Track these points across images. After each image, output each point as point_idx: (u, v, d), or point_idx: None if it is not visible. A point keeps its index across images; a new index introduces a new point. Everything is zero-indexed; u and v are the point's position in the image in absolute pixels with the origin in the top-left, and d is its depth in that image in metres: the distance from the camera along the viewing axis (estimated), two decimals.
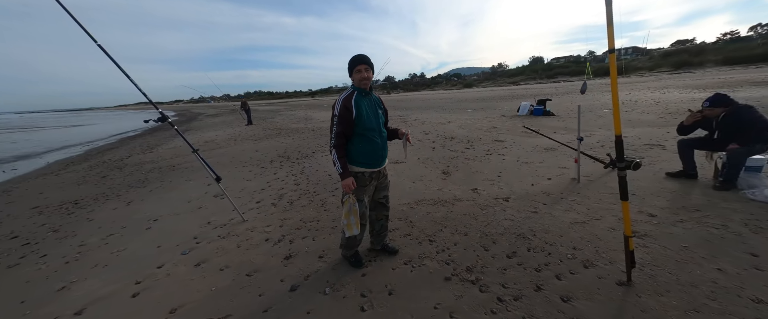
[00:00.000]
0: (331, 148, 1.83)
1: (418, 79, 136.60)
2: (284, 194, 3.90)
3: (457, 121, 10.18)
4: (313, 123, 13.39)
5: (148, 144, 10.86)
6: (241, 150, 7.58)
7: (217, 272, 2.19)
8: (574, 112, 9.96)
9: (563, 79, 55.33)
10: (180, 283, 2.09)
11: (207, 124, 18.20)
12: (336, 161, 1.80)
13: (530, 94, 20.77)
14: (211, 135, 11.64)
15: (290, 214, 3.22)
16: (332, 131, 1.81)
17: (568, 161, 4.31)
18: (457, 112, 13.65)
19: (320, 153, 6.41)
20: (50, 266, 2.54)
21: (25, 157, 10.81)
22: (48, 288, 2.18)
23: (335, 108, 1.81)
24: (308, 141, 8.21)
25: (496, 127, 8.14)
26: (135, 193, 4.64)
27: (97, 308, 1.90)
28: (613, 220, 2.52)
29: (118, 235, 3.09)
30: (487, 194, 3.36)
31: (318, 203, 3.49)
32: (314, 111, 22.33)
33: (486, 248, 2.25)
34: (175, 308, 1.82)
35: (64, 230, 3.40)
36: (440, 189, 3.62)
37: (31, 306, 2.00)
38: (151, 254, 2.59)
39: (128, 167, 6.86)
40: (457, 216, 2.83)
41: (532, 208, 2.88)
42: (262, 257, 2.37)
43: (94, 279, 2.25)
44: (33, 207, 4.48)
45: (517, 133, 6.99)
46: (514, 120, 9.28)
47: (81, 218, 3.74)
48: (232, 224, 3.04)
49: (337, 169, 1.81)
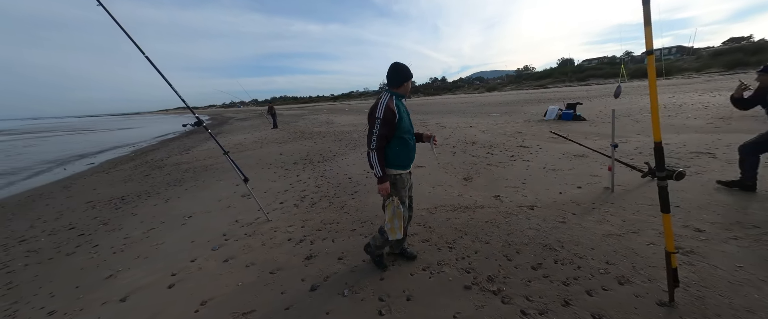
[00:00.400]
0: (371, 150, 1.79)
1: (439, 83, 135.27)
2: (306, 196, 4.02)
3: (479, 125, 9.94)
4: (334, 127, 13.72)
5: (184, 146, 11.72)
6: (267, 153, 7.94)
7: (243, 268, 2.31)
8: (608, 116, 9.32)
9: (595, 81, 52.10)
10: (210, 277, 2.22)
11: (237, 127, 19.29)
12: (376, 164, 1.80)
13: (558, 98, 19.78)
14: (241, 138, 12.32)
15: (311, 215, 3.32)
16: (374, 134, 1.77)
17: (600, 169, 4.05)
18: (480, 116, 13.33)
19: (341, 157, 6.55)
20: (100, 256, 2.82)
21: (83, 156, 12.13)
22: (98, 276, 2.42)
23: (378, 111, 1.78)
24: (329, 145, 8.42)
25: (521, 132, 7.84)
26: (172, 191, 5.02)
27: (139, 297, 2.07)
28: (653, 234, 2.32)
29: (157, 229, 3.36)
30: (510, 201, 3.23)
31: (338, 205, 3.57)
32: (336, 115, 22.87)
33: (509, 257, 2.17)
34: (205, 301, 1.94)
35: (112, 224, 3.76)
36: (461, 195, 3.55)
37: (83, 291, 2.23)
38: (185, 248, 2.79)
39: (167, 166, 7.44)
40: (478, 223, 2.75)
41: (559, 217, 2.73)
42: (285, 256, 2.46)
43: (136, 269, 2.47)
44: (87, 201, 5.00)
45: (543, 138, 6.68)
46: (541, 125, 8.88)
47: (126, 213, 4.11)
48: (258, 223, 3.19)
49: (375, 172, 1.80)
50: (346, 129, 12.30)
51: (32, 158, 12.52)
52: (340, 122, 16.20)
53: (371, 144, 1.80)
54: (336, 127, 13.74)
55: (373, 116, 1.80)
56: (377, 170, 1.81)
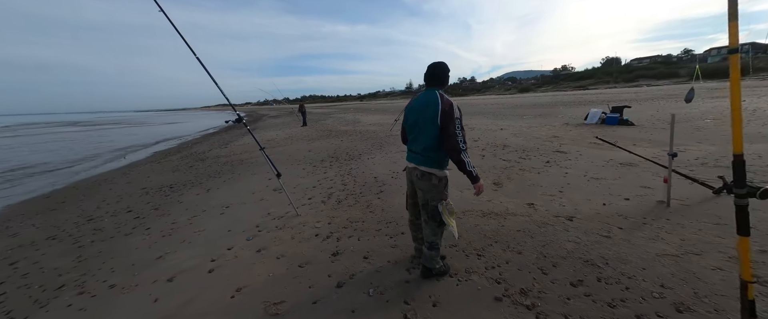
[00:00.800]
0: (464, 151, 1.72)
1: (468, 83, 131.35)
2: (333, 193, 4.12)
3: (510, 128, 9.47)
4: (361, 126, 13.91)
5: (223, 140, 12.63)
6: (297, 149, 8.27)
7: (274, 260, 2.42)
8: (661, 122, 8.37)
9: (646, 82, 47.13)
10: (244, 266, 2.36)
11: (269, 124, 20.37)
12: (472, 164, 1.74)
13: (601, 100, 18.22)
14: (273, 134, 12.98)
15: (338, 212, 3.38)
16: (459, 135, 1.70)
17: (653, 180, 3.64)
18: (511, 118, 12.71)
19: (367, 156, 6.61)
20: (152, 238, 3.13)
21: (142, 147, 13.61)
22: (150, 256, 2.69)
23: (455, 111, 1.71)
24: (355, 143, 8.55)
25: (558, 136, 7.33)
26: (213, 182, 5.43)
27: (183, 278, 2.26)
28: (720, 257, 2.03)
29: (199, 217, 3.65)
30: (545, 210, 3.03)
31: (363, 204, 3.60)
32: (362, 114, 23.19)
33: (544, 271, 2.03)
34: (240, 288, 2.06)
35: (162, 209, 4.15)
36: (490, 200, 3.40)
37: (137, 269, 2.49)
38: (223, 236, 2.99)
39: (209, 159, 8.06)
40: (510, 232, 2.61)
41: (603, 231, 2.50)
42: (312, 250, 2.53)
43: (181, 252, 2.70)
44: (142, 188, 5.58)
45: (583, 144, 6.18)
46: (581, 129, 8.23)
47: (173, 201, 4.52)
48: (288, 217, 3.33)
49: (473, 172, 1.73)
50: (372, 128, 12.41)
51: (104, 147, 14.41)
52: (366, 121, 16.39)
53: (462, 145, 1.71)
54: (362, 126, 13.92)
55: (451, 117, 1.70)
56: (474, 170, 1.74)
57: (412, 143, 1.92)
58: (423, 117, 1.79)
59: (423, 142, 1.82)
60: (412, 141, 1.91)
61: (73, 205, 4.97)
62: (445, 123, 1.71)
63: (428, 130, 1.78)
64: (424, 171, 1.84)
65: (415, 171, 1.89)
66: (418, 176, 1.87)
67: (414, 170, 1.90)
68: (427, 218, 1.90)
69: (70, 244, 3.22)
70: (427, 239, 1.93)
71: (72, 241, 3.30)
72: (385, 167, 5.41)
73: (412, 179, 1.95)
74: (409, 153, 1.95)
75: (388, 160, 6.04)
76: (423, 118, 1.79)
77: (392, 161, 5.88)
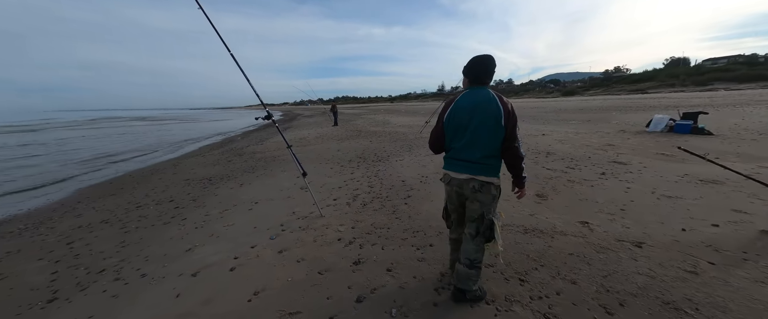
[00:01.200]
0: (524, 155, 1.65)
1: (505, 85, 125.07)
2: (358, 195, 3.98)
3: (554, 134, 8.61)
4: (390, 127, 13.77)
5: (260, 138, 13.34)
6: (326, 148, 8.36)
7: (294, 263, 2.32)
8: (749, 131, 6.97)
9: (723, 86, 40.52)
10: (265, 267, 2.30)
11: (303, 123, 21.20)
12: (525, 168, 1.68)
13: (665, 106, 15.98)
14: (305, 133, 13.40)
15: (362, 216, 3.23)
16: (519, 138, 1.60)
17: (750, 204, 2.93)
18: (555, 123, 11.63)
19: (395, 158, 6.42)
20: (186, 229, 3.25)
21: (193, 141, 14.97)
22: (181, 247, 2.77)
23: (515, 112, 1.57)
24: (384, 145, 8.40)
25: (614, 144, 6.44)
26: (246, 177, 5.64)
27: (206, 274, 2.26)
28: None
29: (230, 211, 3.75)
30: (604, 231, 2.56)
31: (389, 209, 3.40)
32: (392, 116, 23.09)
33: (609, 310, 1.64)
34: (257, 291, 1.98)
35: (199, 201, 4.36)
36: (533, 214, 2.99)
37: (168, 260, 2.56)
38: (248, 232, 3.00)
39: (245, 155, 8.49)
40: (560, 254, 2.22)
41: (687, 265, 2.00)
42: (334, 256, 2.39)
43: (209, 246, 2.74)
44: (185, 179, 5.99)
45: (647, 154, 5.32)
46: (643, 137, 7.17)
47: (210, 193, 4.74)
48: (312, 218, 3.25)
49: (526, 177, 1.70)
50: (402, 130, 12.20)
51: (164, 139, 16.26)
52: (395, 123, 16.24)
53: (523, 152, 1.63)
54: (392, 127, 13.77)
55: (516, 119, 1.56)
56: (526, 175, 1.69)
57: (464, 150, 1.61)
58: (482, 119, 1.54)
59: (483, 148, 1.57)
60: (466, 147, 1.60)
61: (128, 192, 5.49)
62: (511, 126, 1.55)
63: (490, 134, 1.55)
64: (483, 181, 1.59)
65: (470, 182, 1.60)
66: (476, 187, 1.60)
67: (469, 182, 1.61)
68: (476, 233, 1.65)
69: (118, 229, 3.48)
70: (468, 256, 1.67)
71: (120, 226, 3.58)
72: (414, 171, 5.16)
73: (463, 192, 1.65)
74: (458, 162, 1.64)
75: (416, 163, 5.78)
76: (482, 121, 1.54)
77: (421, 165, 5.61)
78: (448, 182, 1.72)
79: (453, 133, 1.65)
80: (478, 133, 1.56)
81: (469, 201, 1.66)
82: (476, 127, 1.56)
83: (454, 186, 1.69)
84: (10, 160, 10.50)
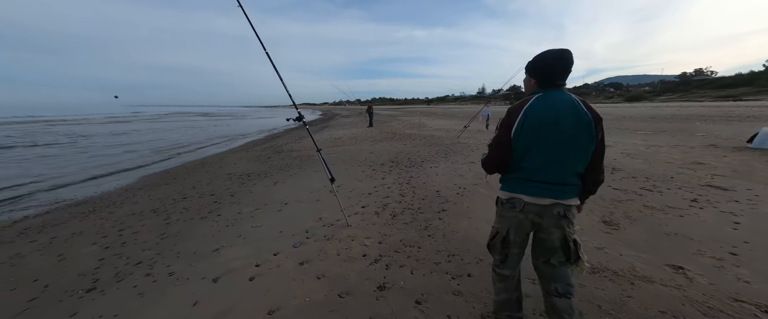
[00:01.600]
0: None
1: None
2: (388, 204, 3.72)
3: (618, 145, 7.40)
4: (426, 130, 13.32)
5: (299, 136, 13.89)
6: (359, 150, 8.28)
7: (314, 279, 2.14)
8: None
9: None
10: (284, 280, 2.15)
11: (340, 123, 21.73)
12: None
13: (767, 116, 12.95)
14: (340, 133, 13.62)
15: (391, 230, 2.96)
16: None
17: None
18: (617, 133, 10.08)
19: (429, 164, 6.04)
20: (218, 226, 3.31)
21: (241, 137, 16.28)
22: (210, 247, 2.78)
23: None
24: (418, 149, 8.04)
25: (704, 163, 5.23)
26: (281, 175, 5.75)
27: (226, 281, 2.19)
28: None
29: (260, 210, 3.77)
30: (710, 284, 1.92)
31: (421, 223, 3.08)
32: (428, 118, 22.48)
33: None
34: (272, 310, 1.83)
35: (236, 197, 4.51)
36: (602, 248, 2.42)
37: (197, 259, 2.57)
38: (274, 236, 2.93)
39: (284, 152, 8.81)
40: (646, 310, 1.69)
41: None
42: (357, 276, 2.16)
43: (234, 248, 2.71)
44: (228, 173, 6.34)
45: (757, 178, 4.17)
46: (746, 155, 5.73)
47: (246, 190, 4.89)
48: (338, 226, 3.08)
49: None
50: (437, 134, 11.68)
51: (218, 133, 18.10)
52: (431, 126, 15.71)
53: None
54: (427, 130, 13.31)
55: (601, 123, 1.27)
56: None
57: (544, 169, 1.26)
58: (571, 132, 1.22)
59: (574, 165, 1.27)
60: (547, 166, 1.26)
61: (179, 182, 5.97)
62: (601, 138, 1.29)
63: (579, 149, 1.25)
64: (569, 205, 1.29)
65: (555, 208, 1.28)
66: (562, 213, 1.29)
67: (553, 208, 1.28)
68: (566, 260, 1.35)
69: (162, 220, 3.70)
70: (567, 282, 1.37)
71: (165, 217, 3.81)
72: (450, 180, 4.74)
73: (542, 220, 1.31)
74: (536, 184, 1.28)
75: (452, 171, 5.33)
76: (572, 134, 1.22)
77: (458, 174, 5.15)
78: (521, 209, 1.33)
79: (526, 148, 1.28)
80: (565, 148, 1.23)
81: (546, 230, 1.32)
82: (563, 141, 1.22)
83: (529, 214, 1.32)
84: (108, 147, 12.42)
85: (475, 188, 4.25)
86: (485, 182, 4.44)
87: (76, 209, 4.52)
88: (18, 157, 10.07)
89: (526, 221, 1.34)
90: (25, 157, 10.07)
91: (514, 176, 1.35)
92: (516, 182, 1.34)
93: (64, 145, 13.10)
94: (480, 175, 4.96)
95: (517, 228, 1.37)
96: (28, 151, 11.16)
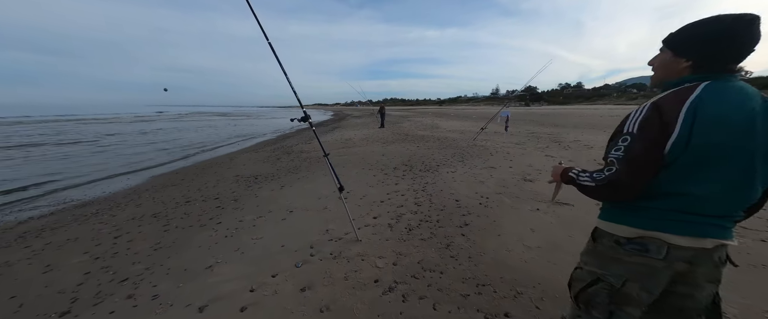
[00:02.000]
0: None
1: (571, 90, 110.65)
2: (402, 215, 3.34)
3: None
4: (439, 132, 12.83)
5: (309, 136, 13.70)
6: (371, 152, 7.92)
7: (316, 313, 1.78)
8: None
9: None
10: (281, 313, 1.80)
11: (351, 124, 21.48)
12: None
13: None
14: (351, 134, 13.32)
15: (407, 247, 2.57)
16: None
17: None
18: None
19: (445, 168, 5.60)
20: (216, 237, 3.03)
21: (253, 137, 16.34)
22: (203, 263, 2.49)
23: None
24: (432, 151, 7.60)
25: None
26: (288, 178, 5.47)
27: (213, 311, 1.87)
28: None
29: (263, 218, 3.47)
30: None
31: (442, 240, 2.68)
32: (441, 119, 21.91)
33: None
34: None
35: (240, 201, 4.24)
36: None
37: (187, 277, 2.28)
38: (275, 252, 2.60)
39: (293, 153, 8.59)
40: None
41: None
42: (367, 311, 1.79)
43: (229, 266, 2.40)
44: (235, 175, 6.14)
45: None
46: None
47: (252, 193, 4.63)
48: (346, 241, 2.72)
49: None
50: (452, 136, 11.18)
51: (234, 133, 18.27)
52: (445, 127, 15.18)
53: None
54: (441, 132, 12.82)
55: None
56: None
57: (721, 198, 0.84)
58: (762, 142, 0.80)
59: (758, 190, 0.85)
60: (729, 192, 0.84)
61: (186, 183, 5.81)
62: None
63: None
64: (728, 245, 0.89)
65: (717, 252, 0.87)
66: (723, 259, 0.90)
67: (715, 252, 0.86)
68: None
69: (161, 226, 3.47)
70: None
71: (164, 222, 3.58)
72: (469, 187, 4.30)
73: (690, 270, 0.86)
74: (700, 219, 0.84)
75: (471, 177, 4.88)
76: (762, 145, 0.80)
77: (477, 180, 4.70)
78: (665, 256, 0.86)
79: (691, 165, 0.82)
80: (755, 167, 0.81)
81: (692, 284, 0.88)
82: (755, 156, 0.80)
83: (674, 260, 0.86)
84: (135, 146, 12.65)
85: (499, 198, 3.80)
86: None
87: (80, 211, 4.40)
88: (42, 155, 10.37)
89: (664, 271, 0.87)
90: (48, 155, 10.35)
91: (654, 205, 0.87)
92: (659, 213, 0.87)
93: (88, 143, 13.50)
94: (504, 183, 4.50)
95: (645, 280, 0.88)
96: (54, 150, 11.52)
